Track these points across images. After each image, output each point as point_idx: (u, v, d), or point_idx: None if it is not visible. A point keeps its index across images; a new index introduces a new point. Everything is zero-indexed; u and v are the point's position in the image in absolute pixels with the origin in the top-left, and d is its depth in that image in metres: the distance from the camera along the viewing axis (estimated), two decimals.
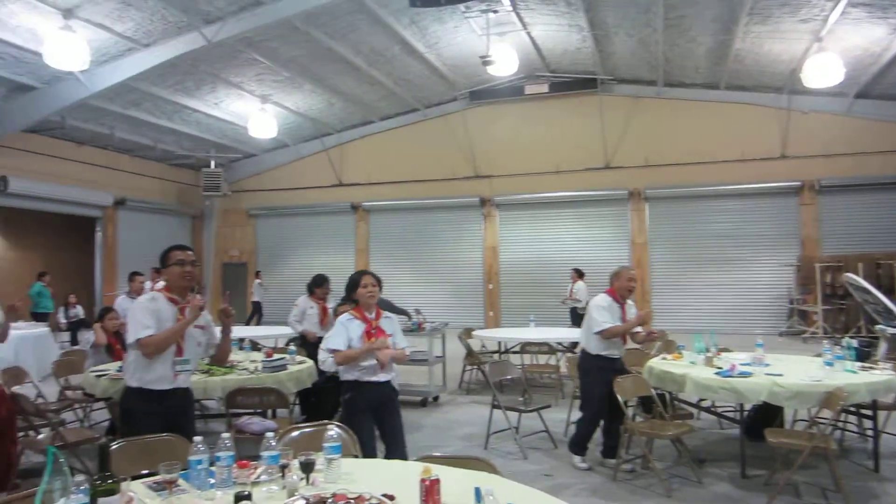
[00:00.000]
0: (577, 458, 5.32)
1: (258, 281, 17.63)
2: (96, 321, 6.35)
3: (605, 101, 15.87)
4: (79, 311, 14.27)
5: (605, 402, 5.19)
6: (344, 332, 4.12)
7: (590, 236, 16.69)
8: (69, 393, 6.00)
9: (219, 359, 3.90)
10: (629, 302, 5.47)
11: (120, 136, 15.47)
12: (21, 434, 4.78)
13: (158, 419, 3.31)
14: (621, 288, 5.38)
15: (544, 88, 16.51)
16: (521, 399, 6.35)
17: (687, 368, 5.13)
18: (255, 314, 17.12)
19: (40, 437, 4.70)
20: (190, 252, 3.65)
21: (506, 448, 5.89)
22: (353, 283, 4.26)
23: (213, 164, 18.03)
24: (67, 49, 10.01)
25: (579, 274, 13.31)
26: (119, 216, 16.99)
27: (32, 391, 5.82)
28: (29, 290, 13.74)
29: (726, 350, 5.94)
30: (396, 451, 4.14)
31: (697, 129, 15.68)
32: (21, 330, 8.99)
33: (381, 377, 4.18)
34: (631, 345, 5.87)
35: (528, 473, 5.18)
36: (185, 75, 13.33)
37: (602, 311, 5.22)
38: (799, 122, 14.98)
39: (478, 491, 1.91)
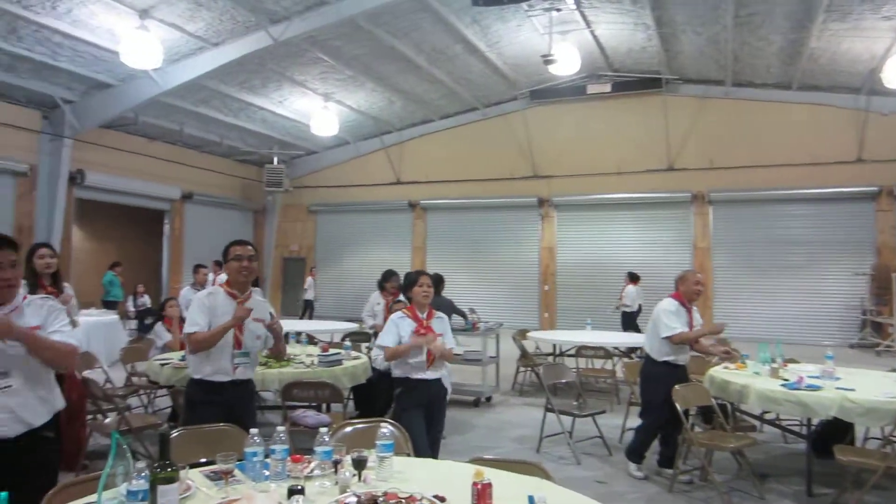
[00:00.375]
0: (632, 466, 5.20)
1: (310, 278, 17.77)
2: (158, 311, 6.56)
3: (670, 102, 15.48)
4: (146, 301, 14.85)
5: (666, 411, 5.06)
6: (395, 330, 4.22)
7: (650, 239, 16.31)
8: (135, 379, 6.23)
9: (275, 355, 3.93)
10: (693, 307, 5.31)
11: (189, 133, 15.99)
12: (90, 417, 5.00)
13: (219, 410, 3.38)
14: (688, 292, 5.21)
15: (607, 88, 16.22)
16: (575, 403, 6.26)
17: (751, 379, 4.93)
18: (307, 310, 17.31)
19: (107, 420, 4.89)
20: (249, 247, 3.69)
21: (558, 452, 5.81)
22: (410, 282, 4.34)
23: (275, 160, 18.44)
24: (142, 48, 10.41)
25: (632, 278, 13.06)
26: (186, 209, 17.57)
27: (101, 376, 6.05)
28: (101, 279, 14.39)
29: (793, 361, 5.69)
30: (434, 448, 4.25)
31: (767, 131, 15.12)
32: (93, 317, 9.41)
33: (431, 375, 4.24)
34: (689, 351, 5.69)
35: (581, 479, 5.09)
36: (251, 74, 13.67)
37: (671, 316, 5.06)
38: (878, 124, 14.25)
39: (531, 499, 1.87)
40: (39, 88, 12.55)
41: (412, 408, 4.18)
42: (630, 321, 12.84)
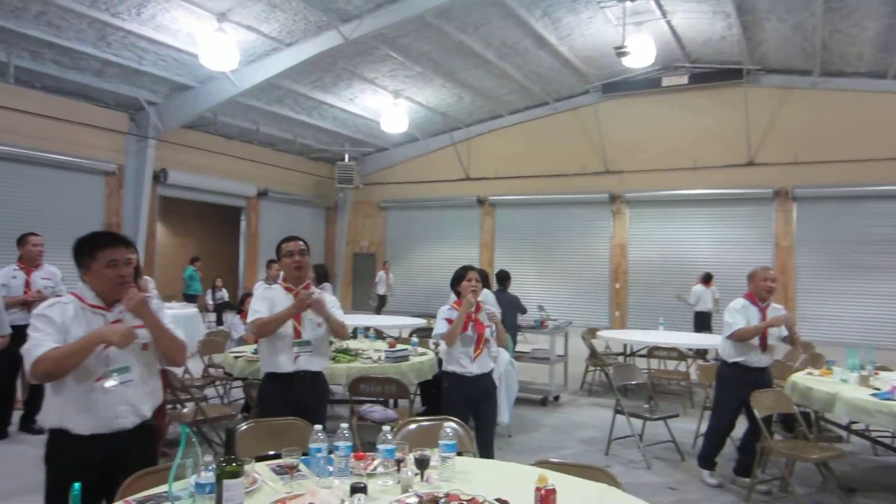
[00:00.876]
0: (705, 473, 5.02)
1: (382, 273, 17.69)
2: (239, 306, 6.77)
3: (751, 93, 14.80)
4: (224, 294, 15.44)
5: (735, 415, 4.90)
6: (445, 323, 4.31)
7: (728, 237, 15.69)
8: (212, 371, 6.45)
9: (335, 334, 3.90)
10: (776, 305, 5.04)
11: (264, 131, 16.47)
12: (169, 407, 5.20)
13: (288, 403, 3.48)
14: (758, 289, 4.98)
15: (683, 80, 15.70)
16: (646, 406, 6.09)
17: (837, 386, 4.65)
18: (380, 305, 17.45)
19: (185, 410, 5.08)
20: (299, 242, 3.81)
21: (628, 456, 5.66)
22: (458, 277, 4.44)
23: (346, 157, 18.76)
24: (220, 50, 10.77)
25: (705, 279, 12.58)
26: (261, 206, 18.12)
27: (180, 367, 6.30)
28: (182, 274, 15.05)
29: (885, 369, 5.33)
30: (487, 445, 4.26)
31: (858, 123, 14.25)
32: (174, 310, 9.82)
33: (477, 369, 4.29)
34: (778, 354, 5.43)
35: (652, 485, 4.95)
36: (323, 72, 13.94)
37: (733, 314, 4.89)
38: None
39: None
40: (126, 91, 13.19)
41: (458, 402, 4.24)
42: (703, 322, 12.40)
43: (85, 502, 2.02)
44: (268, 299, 3.68)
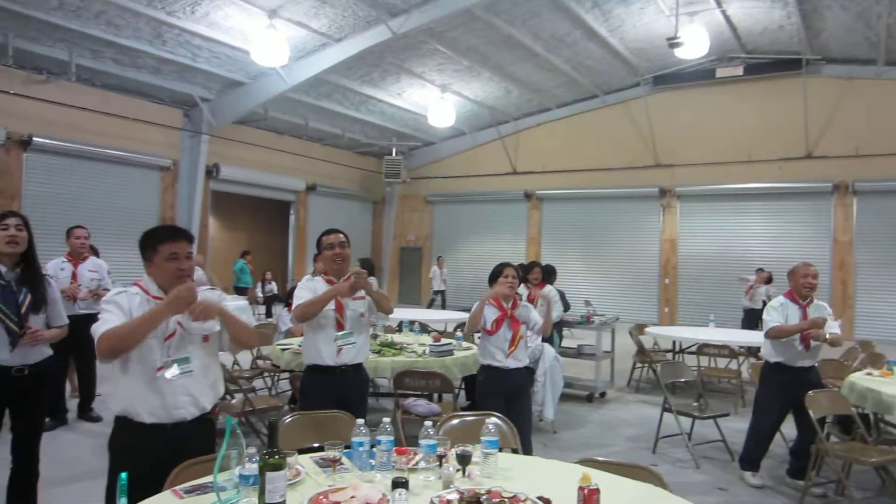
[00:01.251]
0: (747, 475, 4.89)
1: (436, 268, 17.82)
2: (287, 299, 6.89)
3: (810, 84, 14.28)
4: (273, 287, 15.75)
5: (779, 416, 4.82)
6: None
7: (782, 232, 15.21)
8: (260, 362, 6.58)
9: (380, 308, 3.90)
10: (820, 303, 4.88)
11: (313, 126, 16.69)
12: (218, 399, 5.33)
13: (330, 395, 3.50)
14: (798, 287, 4.84)
15: (738, 71, 15.27)
16: (695, 404, 5.96)
17: None
18: (439, 301, 17.40)
19: (233, 401, 5.19)
20: (339, 234, 3.81)
21: (676, 454, 5.55)
22: (495, 274, 4.45)
23: (394, 151, 18.87)
24: (271, 46, 10.95)
25: (768, 279, 12.20)
26: (310, 201, 18.39)
27: (229, 358, 6.44)
28: (233, 267, 15.41)
29: None
30: (525, 442, 4.14)
31: None
32: (225, 302, 10.05)
33: (512, 363, 4.35)
34: (825, 353, 5.24)
35: (700, 485, 4.85)
36: (371, 67, 14.03)
37: (771, 312, 4.80)
38: None
39: None
40: (181, 88, 13.54)
41: (490, 395, 4.28)
42: (753, 319, 11.95)
43: (145, 492, 2.10)
44: (311, 290, 3.71)
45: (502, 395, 4.29)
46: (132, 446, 2.48)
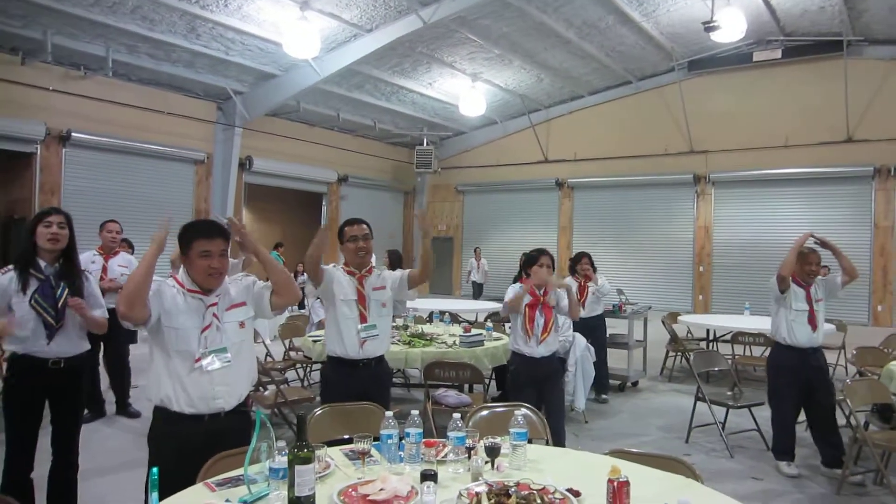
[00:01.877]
0: (782, 464, 4.84)
1: (473, 260, 17.46)
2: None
3: (852, 66, 13.84)
4: (305, 279, 15.87)
5: (798, 401, 4.84)
6: (511, 293, 4.44)
7: (821, 218, 14.78)
8: (292, 354, 6.66)
9: (420, 278, 3.89)
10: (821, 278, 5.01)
11: (344, 117, 16.76)
12: (252, 389, 5.40)
13: (352, 388, 3.44)
14: (801, 272, 4.91)
15: (776, 54, 14.87)
16: (729, 393, 5.87)
17: None
18: (477, 294, 17.25)
19: (266, 393, 5.27)
20: (363, 226, 3.70)
21: (709, 444, 5.49)
22: (531, 261, 4.42)
23: (425, 141, 18.86)
24: (303, 38, 10.96)
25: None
26: (342, 191, 18.50)
27: (262, 350, 6.55)
28: None
29: None
30: (557, 432, 4.20)
31: None
32: (258, 285, 10.18)
33: (543, 351, 4.32)
34: (862, 341, 5.16)
35: (735, 474, 4.80)
36: (402, 57, 14.02)
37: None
38: None
39: None
40: (214, 82, 13.72)
41: (523, 384, 4.27)
42: None
43: (185, 483, 2.15)
44: (328, 272, 3.63)
45: (533, 383, 4.28)
46: (172, 437, 2.54)
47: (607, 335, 7.55)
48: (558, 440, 4.16)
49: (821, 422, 4.87)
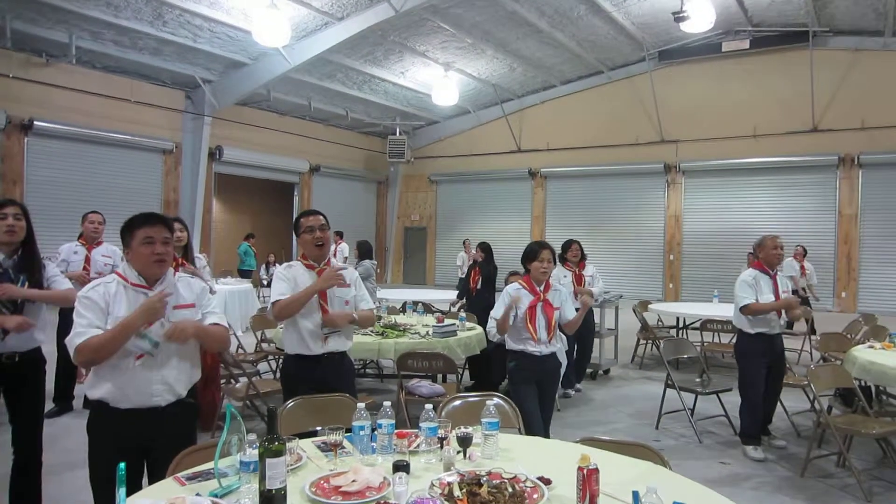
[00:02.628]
0: (749, 448, 4.95)
1: (464, 254, 16.68)
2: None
3: (817, 57, 14.11)
4: (275, 271, 15.76)
5: (763, 386, 4.98)
6: (502, 307, 4.09)
7: (788, 206, 15.15)
8: (264, 346, 6.60)
9: (360, 323, 3.75)
10: (789, 260, 5.05)
11: (316, 107, 16.61)
12: (223, 382, 5.36)
13: (314, 384, 3.34)
14: (767, 258, 5.00)
15: (744, 45, 15.10)
16: (698, 380, 5.97)
17: None
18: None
19: (238, 385, 5.22)
20: (319, 216, 3.61)
21: (678, 430, 5.59)
22: (531, 255, 4.15)
23: (398, 131, 18.78)
24: (273, 26, 10.80)
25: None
26: (314, 182, 18.35)
27: (234, 342, 6.48)
28: (238, 250, 15.41)
29: None
30: (546, 423, 4.19)
31: None
32: (228, 285, 10.11)
33: (545, 349, 4.14)
34: (827, 327, 5.27)
35: (703, 459, 4.89)
36: (374, 46, 13.92)
37: (744, 287, 4.93)
38: None
39: (636, 495, 1.77)
40: (182, 70, 13.48)
41: (524, 383, 4.08)
42: None
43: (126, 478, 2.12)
44: (289, 279, 3.48)
45: (535, 382, 4.09)
46: (109, 432, 2.53)
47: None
48: (546, 431, 4.15)
49: (770, 400, 5.11)
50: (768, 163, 15.24)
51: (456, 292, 9.19)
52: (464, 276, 15.63)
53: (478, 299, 7.44)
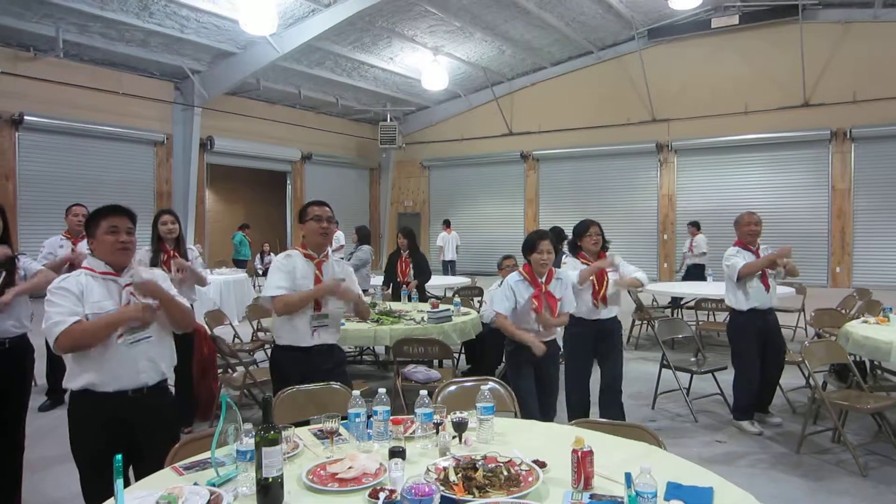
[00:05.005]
0: (745, 423, 5.02)
1: (444, 233, 15.94)
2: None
3: (807, 30, 14.06)
4: (272, 259, 15.74)
5: (759, 362, 5.04)
6: (511, 295, 4.04)
7: (781, 182, 15.16)
8: (260, 335, 6.61)
9: (358, 315, 3.87)
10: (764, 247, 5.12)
11: (306, 95, 16.52)
12: (220, 371, 5.39)
13: (306, 376, 3.32)
14: (744, 235, 5.09)
15: (734, 20, 15.03)
16: (693, 359, 6.02)
17: (894, 335, 4.50)
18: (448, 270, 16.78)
19: (234, 375, 5.24)
20: (326, 208, 3.61)
21: (675, 409, 5.63)
22: (530, 246, 4.06)
23: (388, 117, 18.70)
24: (259, 14, 10.68)
25: (696, 227, 11.84)
26: (306, 170, 18.31)
27: (231, 332, 6.48)
28: (232, 239, 15.38)
29: None
30: (549, 406, 4.20)
31: None
32: (223, 276, 10.10)
33: (545, 335, 4.13)
34: (820, 303, 5.30)
35: (699, 438, 4.93)
36: (362, 32, 13.83)
37: (731, 258, 5.01)
38: None
39: (628, 476, 1.79)
40: (170, 61, 13.38)
41: (522, 367, 4.08)
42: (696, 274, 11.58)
43: (106, 462, 2.14)
44: (288, 270, 3.48)
45: (532, 365, 4.08)
46: (95, 416, 2.57)
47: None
48: (549, 415, 4.15)
49: (770, 378, 5.15)
50: (761, 139, 15.23)
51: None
52: (445, 257, 15.79)
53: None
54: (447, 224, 16.05)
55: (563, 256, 4.91)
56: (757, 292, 4.98)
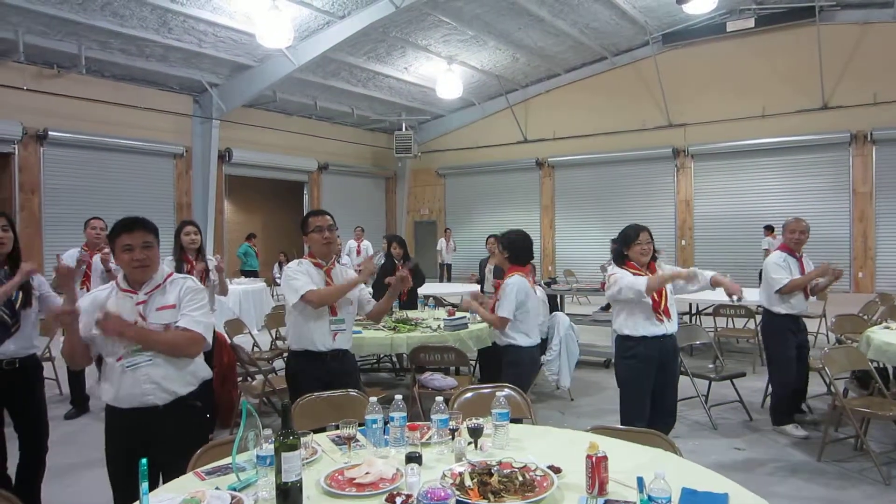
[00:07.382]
0: (789, 427, 5.03)
1: (443, 240, 17.52)
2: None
3: (825, 32, 13.94)
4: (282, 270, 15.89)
5: (796, 366, 5.04)
6: (514, 300, 4.26)
7: (800, 186, 15.00)
8: (279, 343, 6.69)
9: (372, 317, 3.97)
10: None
11: (322, 105, 16.65)
12: (239, 379, 5.46)
13: (321, 381, 3.41)
14: (789, 241, 5.13)
15: (750, 23, 14.94)
16: (711, 366, 5.98)
17: None
18: (445, 274, 17.40)
19: (254, 383, 5.31)
20: (327, 217, 3.72)
21: (693, 417, 5.61)
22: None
23: (404, 126, 18.79)
24: (275, 28, 10.82)
25: (770, 230, 11.96)
26: (322, 180, 18.42)
27: (250, 341, 6.56)
28: (237, 251, 15.54)
29: None
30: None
31: None
32: (243, 285, 10.23)
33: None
34: (842, 308, 5.27)
35: (718, 445, 4.91)
36: (376, 43, 13.94)
37: (778, 269, 5.05)
38: None
39: (640, 481, 1.81)
40: (189, 75, 13.58)
41: (525, 368, 4.33)
42: None
43: (128, 470, 2.20)
44: (306, 273, 3.61)
45: (534, 368, 4.40)
46: (118, 430, 2.68)
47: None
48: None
49: (802, 381, 5.17)
50: (779, 143, 15.09)
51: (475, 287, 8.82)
52: (442, 261, 16.98)
53: (409, 302, 7.06)
54: (447, 231, 17.65)
55: (609, 266, 4.65)
56: (797, 301, 5.07)
